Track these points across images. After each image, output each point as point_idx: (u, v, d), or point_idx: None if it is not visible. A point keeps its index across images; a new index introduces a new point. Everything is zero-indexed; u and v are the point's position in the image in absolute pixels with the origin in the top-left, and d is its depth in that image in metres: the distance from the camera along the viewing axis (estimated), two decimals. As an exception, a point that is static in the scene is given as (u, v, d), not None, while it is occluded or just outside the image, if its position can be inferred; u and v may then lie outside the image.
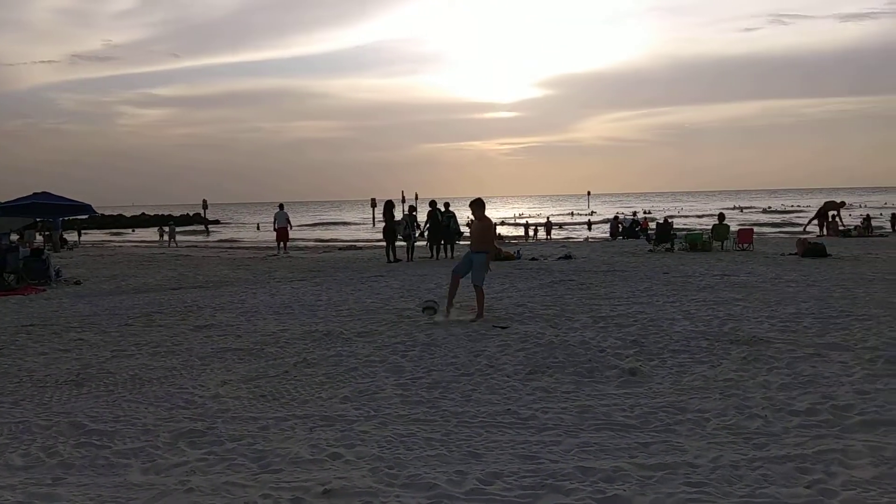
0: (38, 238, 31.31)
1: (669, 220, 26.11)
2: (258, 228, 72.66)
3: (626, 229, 32.16)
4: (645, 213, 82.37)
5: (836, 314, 9.49)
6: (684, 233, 25.81)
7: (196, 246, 42.69)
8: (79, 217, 43.16)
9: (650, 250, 23.33)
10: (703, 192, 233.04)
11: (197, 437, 5.26)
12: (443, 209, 22.14)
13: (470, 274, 10.34)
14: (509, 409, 5.73)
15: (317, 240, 49.25)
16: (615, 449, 4.80)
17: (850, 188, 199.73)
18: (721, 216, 24.39)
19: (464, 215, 24.86)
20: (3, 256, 16.66)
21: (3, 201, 18.98)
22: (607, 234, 34.28)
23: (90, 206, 18.76)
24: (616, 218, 36.74)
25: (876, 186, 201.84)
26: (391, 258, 20.81)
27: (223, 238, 56.71)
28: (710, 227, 25.98)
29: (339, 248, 33.51)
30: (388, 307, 11.37)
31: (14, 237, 27.87)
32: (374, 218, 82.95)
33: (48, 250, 19.08)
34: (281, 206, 29.36)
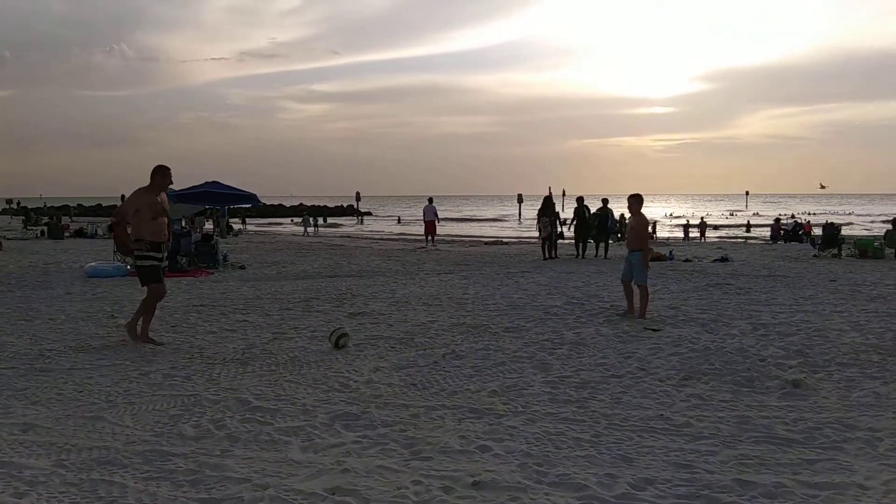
0: (208, 224, 33.49)
1: (836, 224, 24.40)
2: (399, 221, 74.49)
3: (789, 232, 30.44)
4: (809, 214, 77.55)
5: None
6: (854, 238, 24.10)
7: (348, 236, 44.32)
8: (243, 206, 45.78)
9: (815, 255, 22.02)
10: (877, 194, 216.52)
11: (352, 420, 5.45)
12: (595, 206, 21.74)
13: (633, 276, 10.16)
14: (662, 415, 5.56)
15: (463, 234, 49.82)
16: (776, 464, 4.55)
17: None
18: (895, 221, 22.57)
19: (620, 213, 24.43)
20: (177, 241, 17.94)
21: (177, 189, 20.47)
22: (768, 237, 32.55)
23: (255, 195, 19.86)
24: (778, 220, 34.83)
25: None
26: (547, 254, 20.49)
27: (373, 229, 58.38)
28: (882, 232, 24.14)
29: (485, 243, 33.73)
30: (535, 304, 11.34)
31: (184, 223, 30.07)
32: (520, 213, 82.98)
33: (216, 236, 20.38)
34: (430, 200, 29.93)
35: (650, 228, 10.76)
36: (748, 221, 57.91)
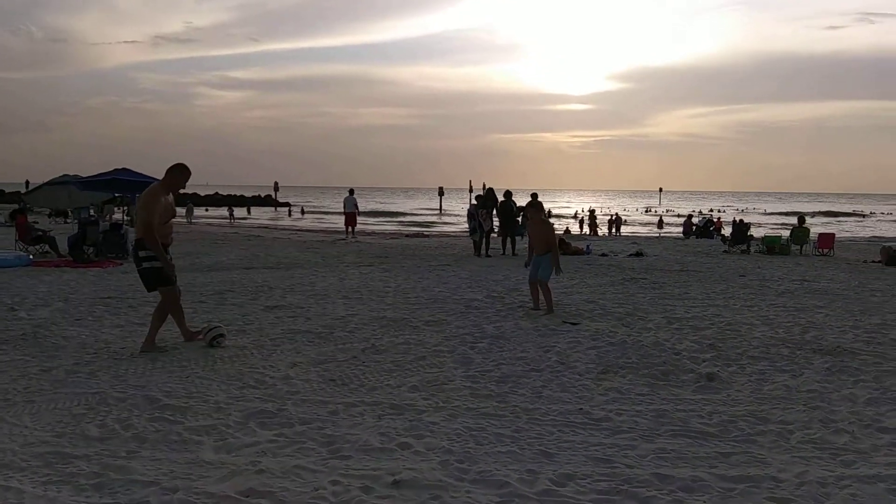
0: (117, 213, 32.29)
1: (745, 221, 25.31)
2: (302, 213, 73.55)
3: (700, 228, 31.40)
4: (718, 211, 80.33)
5: (927, 328, 9.01)
6: (761, 235, 25.04)
7: (266, 227, 43.50)
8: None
9: (725, 251, 22.77)
10: (782, 192, 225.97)
11: (267, 418, 5.27)
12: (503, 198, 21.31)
13: (539, 274, 10.19)
14: (581, 409, 5.58)
15: (383, 226, 49.55)
16: (694, 457, 4.61)
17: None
18: (801, 219, 23.57)
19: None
20: (83, 229, 17.22)
21: (85, 176, 19.63)
22: (680, 233, 33.52)
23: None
24: (690, 216, 35.90)
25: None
26: (483, 251, 19.40)
27: (282, 221, 57.47)
28: (789, 229, 25.17)
29: (406, 236, 33.64)
30: (456, 297, 11.30)
31: (92, 211, 28.88)
32: (440, 207, 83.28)
33: (126, 225, 19.61)
34: (351, 192, 29.59)
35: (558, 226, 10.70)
36: (660, 217, 59.57)
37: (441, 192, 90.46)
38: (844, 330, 8.86)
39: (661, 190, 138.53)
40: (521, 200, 22.12)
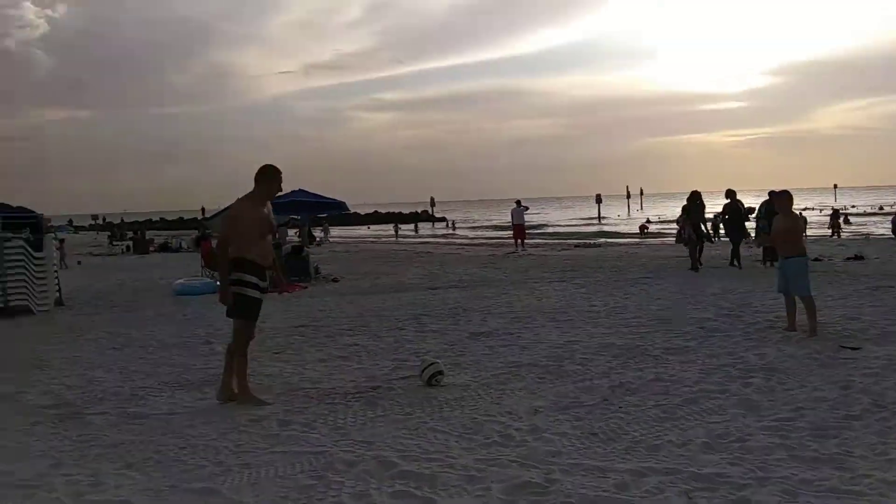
0: (293, 234, 32.79)
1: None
2: (453, 227, 71.69)
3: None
4: (911, 207, 72.58)
5: None
6: None
7: (428, 242, 43.22)
8: (321, 214, 45.20)
9: (955, 250, 19.73)
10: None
11: (538, 496, 4.07)
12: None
13: (790, 286, 8.52)
14: (966, 482, 4.02)
15: (545, 239, 48.10)
16: None
17: None
18: None
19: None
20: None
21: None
22: (888, 232, 29.88)
23: (345, 203, 18.81)
24: (899, 213, 31.99)
25: None
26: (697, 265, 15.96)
27: (441, 234, 57.11)
28: None
29: (576, 246, 32.08)
30: (682, 316, 9.78)
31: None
32: (599, 214, 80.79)
33: (307, 248, 19.40)
34: (518, 203, 28.53)
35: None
36: (846, 216, 54.29)
37: (599, 200, 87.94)
38: None
39: (835, 186, 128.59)
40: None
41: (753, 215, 17.16)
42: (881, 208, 67.95)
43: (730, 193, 16.99)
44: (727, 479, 4.18)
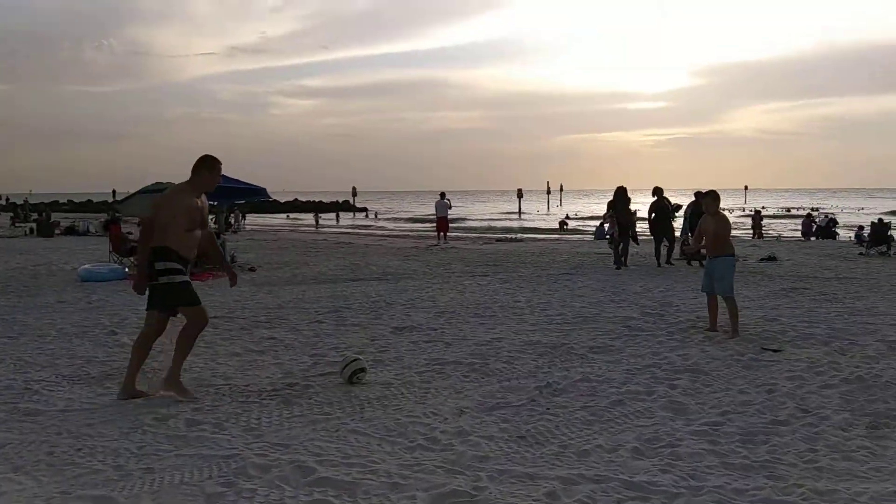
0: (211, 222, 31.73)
1: (886, 221, 22.96)
2: (375, 216, 72.30)
3: (822, 229, 28.93)
4: (812, 209, 76.14)
5: None
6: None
7: (349, 232, 42.63)
8: (239, 201, 43.97)
9: (860, 254, 20.53)
10: (871, 188, 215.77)
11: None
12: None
13: (715, 286, 8.55)
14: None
15: (467, 233, 48.11)
16: None
17: None
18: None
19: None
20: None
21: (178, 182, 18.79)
22: (798, 234, 31.04)
23: (265, 189, 18.20)
24: (809, 216, 33.26)
25: None
26: (620, 262, 15.90)
27: (361, 225, 56.64)
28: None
29: (497, 240, 32.12)
30: (606, 314, 9.74)
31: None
32: (519, 210, 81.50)
33: (223, 235, 18.67)
34: (442, 195, 28.30)
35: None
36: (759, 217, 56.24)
37: (520, 195, 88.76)
38: None
39: (746, 188, 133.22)
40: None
41: (679, 213, 17.21)
42: (788, 210, 70.78)
43: (657, 191, 16.88)
44: (660, 488, 4.04)
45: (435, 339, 8.24)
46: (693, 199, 16.21)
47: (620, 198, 16.43)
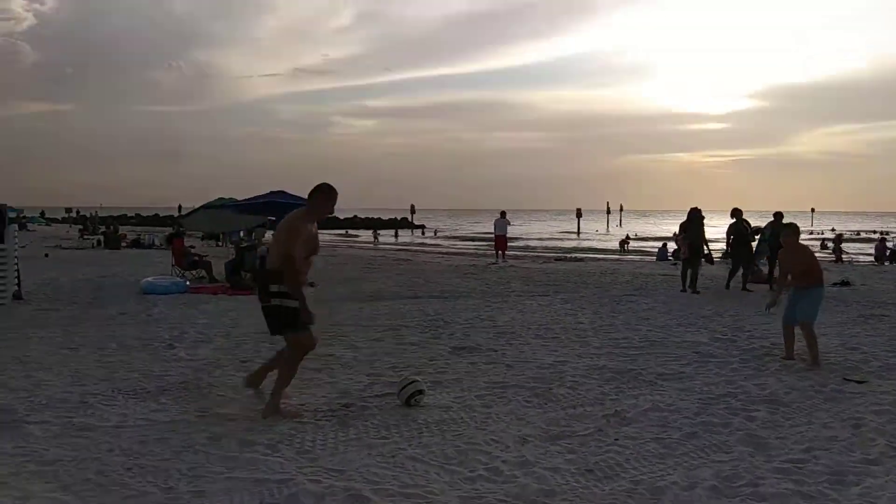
0: (268, 236, 32.09)
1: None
2: (435, 234, 72.81)
3: (895, 252, 27.71)
4: (883, 233, 73.54)
5: None
6: None
7: (408, 248, 42.66)
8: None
9: (942, 280, 19.53)
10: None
11: (532, 544, 3.57)
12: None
13: (797, 314, 8.06)
14: None
15: (526, 248, 47.66)
16: None
17: None
18: None
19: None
20: (241, 254, 16.40)
21: (241, 199, 18.95)
22: (871, 258, 29.81)
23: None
24: (883, 239, 31.97)
25: None
26: (688, 286, 15.14)
27: (419, 242, 56.65)
28: None
29: (556, 259, 31.67)
30: (674, 338, 9.34)
31: (242, 234, 28.63)
32: (578, 229, 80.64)
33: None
34: (502, 214, 28.04)
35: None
36: (825, 240, 54.43)
37: (579, 214, 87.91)
38: None
39: (812, 210, 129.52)
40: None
41: (759, 237, 16.49)
42: (858, 233, 68.47)
43: (735, 212, 16.01)
44: (745, 533, 3.69)
45: (495, 360, 7.97)
46: (773, 219, 15.66)
47: (694, 219, 15.61)
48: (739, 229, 15.99)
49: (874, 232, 73.62)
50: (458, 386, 6.79)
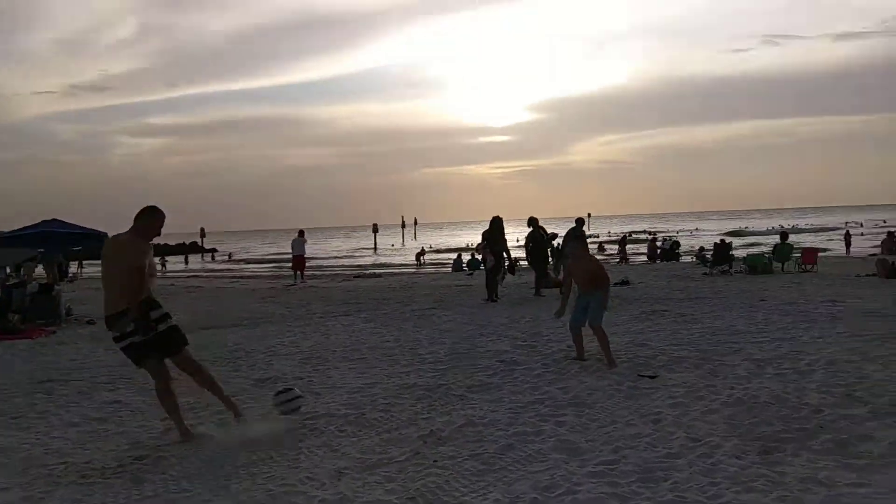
0: (39, 270, 29.22)
1: (727, 241, 24.31)
2: (213, 258, 71.80)
3: (666, 251, 30.36)
4: (649, 233, 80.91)
5: None
6: (744, 255, 24.02)
7: (199, 275, 40.69)
8: (76, 248, 41.04)
9: (704, 273, 21.57)
10: (703, 212, 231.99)
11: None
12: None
13: (588, 318, 8.44)
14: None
15: (323, 267, 47.19)
16: None
17: (852, 206, 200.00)
18: (784, 235, 22.62)
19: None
20: (8, 293, 14.68)
21: (7, 231, 17.08)
22: (644, 257, 32.45)
23: (106, 234, 16.82)
24: (654, 239, 34.90)
25: (872, 204, 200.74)
26: (493, 296, 15.37)
27: (211, 268, 54.66)
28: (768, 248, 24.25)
29: (355, 277, 31.58)
30: (479, 349, 9.46)
31: (9, 270, 25.79)
32: (375, 244, 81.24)
33: (57, 285, 17.04)
34: (300, 234, 27.47)
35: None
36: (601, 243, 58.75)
37: (375, 230, 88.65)
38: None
39: (589, 215, 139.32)
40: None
41: (556, 241, 17.34)
42: (630, 234, 74.57)
43: (532, 221, 16.61)
44: (570, 546, 3.69)
45: (302, 389, 7.61)
46: (574, 224, 16.74)
47: (495, 227, 15.77)
48: (536, 237, 16.70)
49: (643, 232, 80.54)
50: (264, 422, 6.39)
